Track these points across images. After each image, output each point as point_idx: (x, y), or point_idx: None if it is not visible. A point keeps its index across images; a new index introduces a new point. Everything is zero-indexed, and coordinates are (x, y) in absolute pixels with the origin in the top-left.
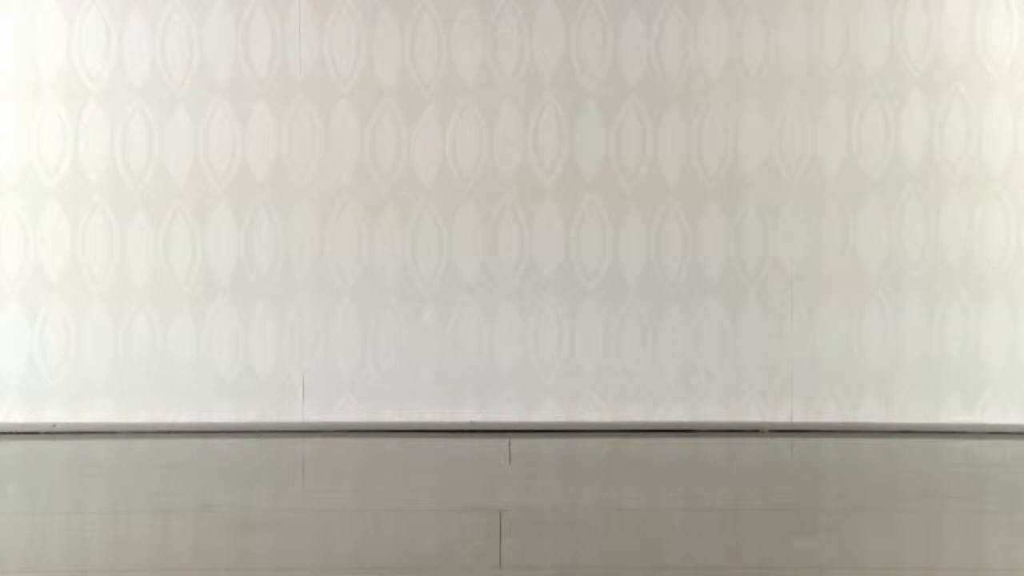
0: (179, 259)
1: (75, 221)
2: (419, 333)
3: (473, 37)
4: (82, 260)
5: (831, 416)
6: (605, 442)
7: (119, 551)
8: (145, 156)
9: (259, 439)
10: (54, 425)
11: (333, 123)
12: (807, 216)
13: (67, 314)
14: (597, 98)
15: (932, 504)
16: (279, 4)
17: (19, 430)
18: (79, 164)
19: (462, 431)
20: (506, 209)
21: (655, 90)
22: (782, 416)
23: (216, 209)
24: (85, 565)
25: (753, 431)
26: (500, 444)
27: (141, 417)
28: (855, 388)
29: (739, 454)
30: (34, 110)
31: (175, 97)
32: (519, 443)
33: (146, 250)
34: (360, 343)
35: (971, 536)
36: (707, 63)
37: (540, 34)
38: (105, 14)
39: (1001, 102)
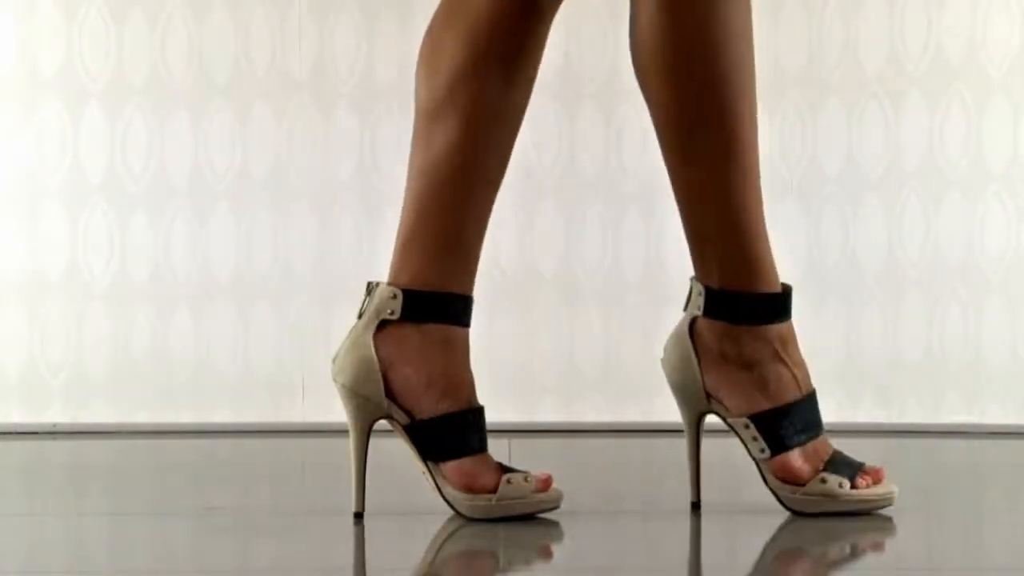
0: (179, 259)
1: (75, 221)
2: None
3: None
4: (82, 260)
5: (831, 416)
6: (604, 443)
7: (120, 552)
8: (145, 156)
9: (259, 439)
10: (54, 425)
11: (333, 123)
12: (806, 216)
13: (67, 314)
14: (596, 98)
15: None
16: (279, 4)
17: (19, 430)
18: (79, 164)
19: None
20: (506, 209)
21: None
22: None
23: (216, 209)
24: (85, 566)
25: None
26: (500, 444)
27: (141, 417)
28: (855, 388)
29: (739, 454)
30: (34, 110)
31: (175, 97)
32: (519, 443)
33: (146, 250)
34: None
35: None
36: None
37: None
38: (105, 14)
39: (1001, 102)
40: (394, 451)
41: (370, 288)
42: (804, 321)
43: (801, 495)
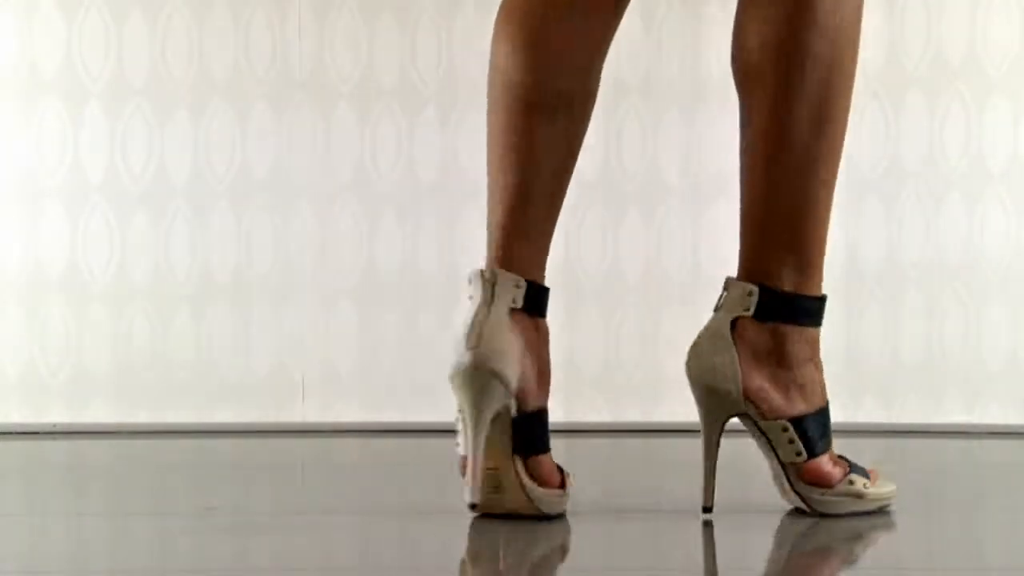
0: (179, 259)
1: (75, 221)
2: (419, 333)
3: (473, 37)
4: (82, 260)
5: (832, 416)
6: (604, 443)
7: (120, 552)
8: (145, 156)
9: (259, 439)
10: (54, 425)
11: (333, 123)
12: None
13: (67, 314)
14: (597, 98)
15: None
16: (279, 4)
17: (19, 430)
18: (79, 164)
19: None
20: None
21: (655, 90)
22: None
23: (216, 209)
24: (85, 566)
25: None
26: None
27: (141, 417)
28: (855, 388)
29: (739, 454)
30: (34, 110)
31: (175, 97)
32: None
33: (146, 250)
34: (360, 343)
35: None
36: (707, 63)
37: None
38: (105, 14)
39: (1001, 102)
40: (395, 450)
41: (492, 275)
42: None
43: (831, 496)
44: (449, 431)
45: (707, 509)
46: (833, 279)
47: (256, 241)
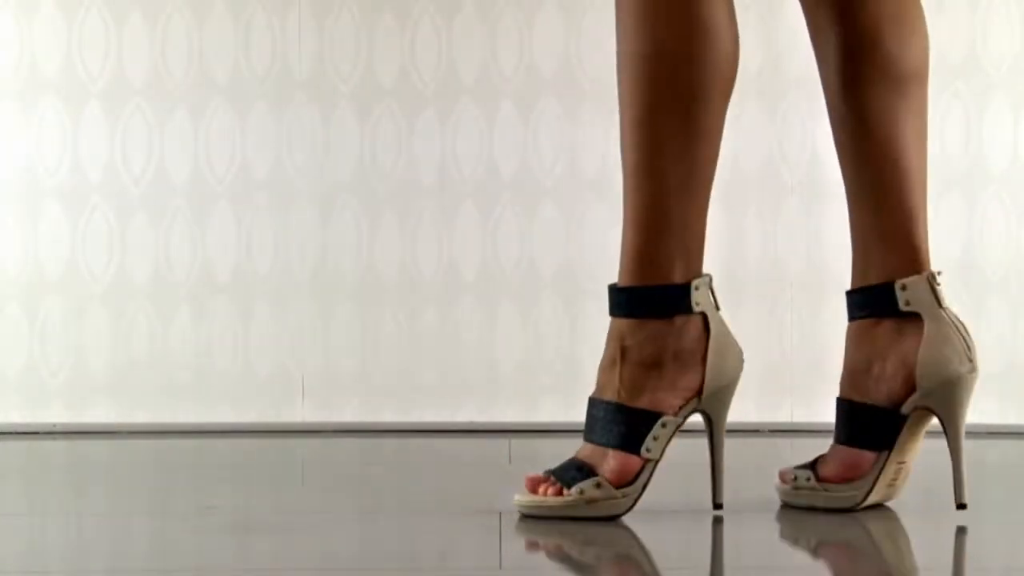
0: (179, 259)
1: (75, 221)
2: (419, 333)
3: (473, 37)
4: (82, 260)
5: (831, 416)
6: None
7: (119, 552)
8: (145, 156)
9: (259, 439)
10: (54, 425)
11: (333, 123)
12: (807, 215)
13: (67, 314)
14: (596, 98)
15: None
16: (279, 4)
17: (19, 430)
18: (79, 164)
19: (462, 431)
20: (506, 209)
21: None
22: (782, 416)
23: (216, 209)
24: (85, 566)
25: (753, 431)
26: (500, 444)
27: (141, 417)
28: None
29: (739, 454)
30: (34, 110)
31: (175, 97)
32: (519, 443)
33: (146, 250)
34: (360, 343)
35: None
36: None
37: (540, 34)
38: (105, 14)
39: (1001, 102)
40: (395, 450)
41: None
42: (804, 321)
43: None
44: (446, 432)
45: (962, 506)
46: (834, 280)
47: (256, 241)
